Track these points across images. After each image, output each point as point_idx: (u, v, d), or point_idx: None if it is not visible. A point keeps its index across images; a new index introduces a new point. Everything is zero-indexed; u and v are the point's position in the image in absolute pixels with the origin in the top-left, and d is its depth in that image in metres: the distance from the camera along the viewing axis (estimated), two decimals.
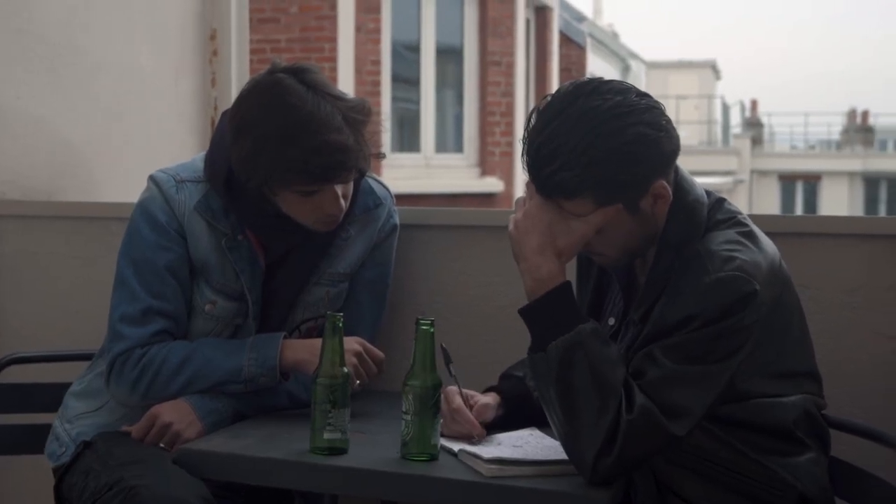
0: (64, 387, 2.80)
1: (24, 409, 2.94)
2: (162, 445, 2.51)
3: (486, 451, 2.23)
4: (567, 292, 2.19)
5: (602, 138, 2.12)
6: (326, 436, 2.27)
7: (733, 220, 2.26)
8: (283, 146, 2.44)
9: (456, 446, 2.28)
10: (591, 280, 2.46)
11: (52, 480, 2.65)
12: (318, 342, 2.40)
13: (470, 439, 2.33)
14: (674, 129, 2.21)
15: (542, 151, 2.15)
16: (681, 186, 2.25)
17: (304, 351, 2.57)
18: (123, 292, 2.61)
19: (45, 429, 2.76)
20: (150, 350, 2.57)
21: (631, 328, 2.28)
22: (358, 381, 2.53)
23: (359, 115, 2.52)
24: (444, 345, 2.37)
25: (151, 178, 2.66)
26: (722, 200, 2.31)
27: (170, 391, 2.56)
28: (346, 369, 2.30)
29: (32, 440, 2.84)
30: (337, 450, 2.28)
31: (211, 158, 2.64)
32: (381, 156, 2.61)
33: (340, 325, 2.30)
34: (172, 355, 2.57)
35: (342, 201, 2.56)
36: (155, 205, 2.62)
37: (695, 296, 2.12)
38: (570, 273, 2.25)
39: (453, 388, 2.40)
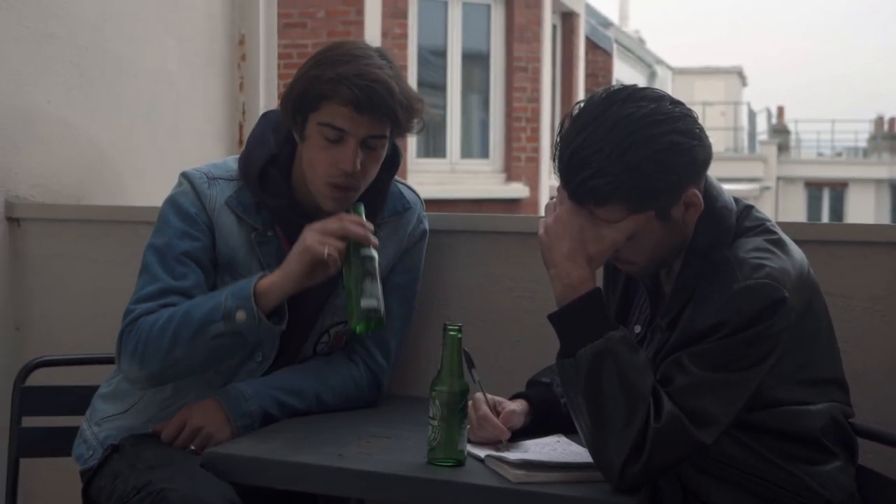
0: (91, 389, 2.81)
1: (51, 411, 2.95)
2: (192, 448, 2.52)
3: (513, 456, 2.23)
4: (597, 298, 2.18)
5: (636, 146, 2.11)
6: (363, 303, 2.38)
7: (762, 227, 2.25)
8: (336, 64, 2.50)
9: (483, 452, 2.28)
10: (618, 288, 2.46)
11: (79, 483, 2.66)
12: (289, 265, 2.46)
13: (497, 445, 2.33)
14: (706, 137, 2.21)
15: (575, 158, 2.15)
16: (709, 193, 2.24)
17: (276, 274, 2.50)
18: (145, 277, 2.60)
19: (73, 431, 2.77)
20: (150, 316, 2.54)
21: (657, 335, 2.27)
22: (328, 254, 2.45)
23: (412, 91, 2.58)
24: (466, 349, 2.37)
25: (183, 174, 2.68)
26: (750, 207, 2.30)
27: (161, 350, 2.51)
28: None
29: (60, 443, 2.85)
30: (375, 318, 2.34)
31: (247, 156, 2.66)
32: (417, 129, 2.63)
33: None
34: (162, 316, 2.53)
35: (358, 163, 2.53)
36: (186, 198, 2.63)
37: (723, 303, 2.11)
38: (598, 281, 2.25)
39: (480, 396, 2.40)
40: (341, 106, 2.49)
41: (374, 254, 2.48)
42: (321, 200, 2.59)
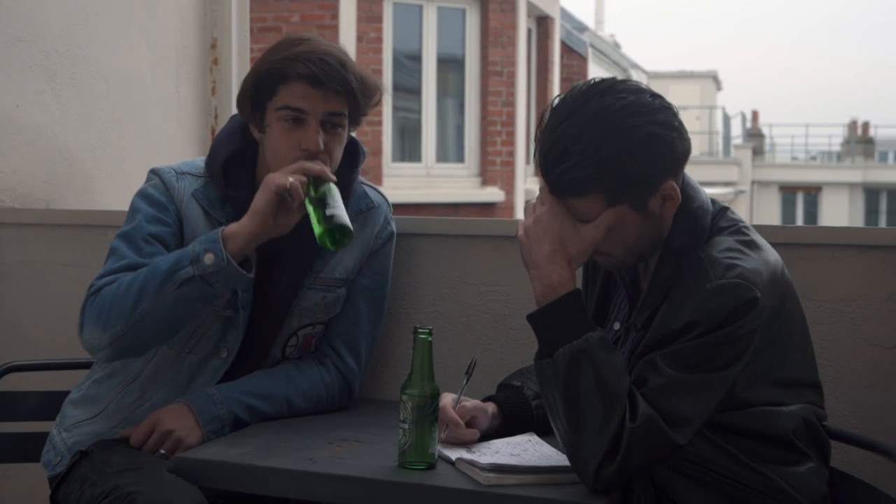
0: (62, 395, 2.80)
1: (21, 417, 2.93)
2: (163, 452, 2.51)
3: (484, 458, 2.23)
4: (577, 299, 2.19)
5: (614, 137, 2.13)
6: (328, 212, 2.42)
7: (735, 227, 2.26)
8: (282, 50, 2.60)
9: (454, 454, 2.28)
10: (597, 285, 2.46)
11: (47, 489, 2.64)
12: (254, 203, 2.48)
13: (467, 445, 2.34)
14: (685, 130, 2.22)
15: (554, 150, 2.16)
16: (686, 192, 2.25)
17: (242, 219, 2.51)
18: (111, 259, 2.60)
19: (42, 437, 2.76)
20: (112, 282, 2.54)
21: (633, 333, 2.28)
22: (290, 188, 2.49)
23: (369, 78, 2.64)
24: (475, 359, 2.43)
25: (152, 170, 2.72)
26: (725, 209, 2.32)
27: (126, 308, 2.49)
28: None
29: (29, 448, 2.83)
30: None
31: (212, 152, 2.70)
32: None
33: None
34: (125, 279, 2.52)
35: (321, 141, 2.57)
36: (155, 189, 2.66)
37: (696, 303, 2.12)
38: (578, 281, 2.25)
39: (446, 394, 2.39)
40: (296, 84, 2.56)
41: (335, 188, 2.52)
42: None
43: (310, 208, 2.49)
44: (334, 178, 2.54)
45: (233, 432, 2.55)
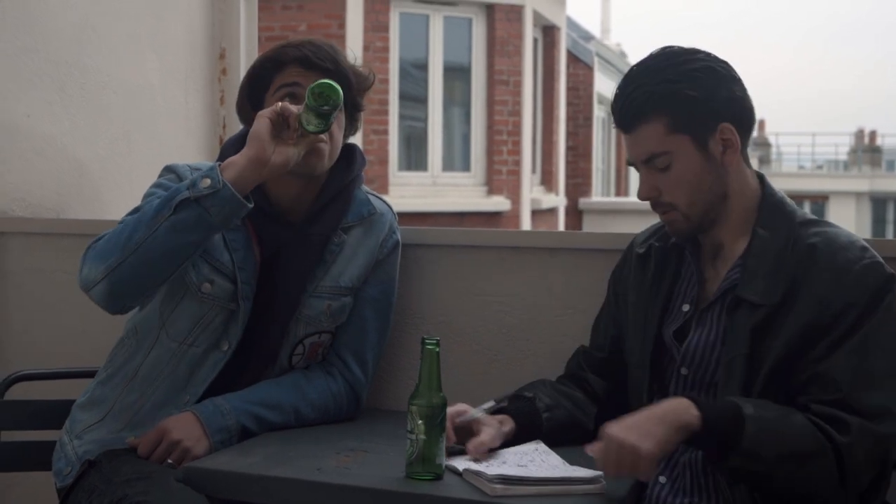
0: (70, 404, 2.80)
1: (30, 426, 2.94)
2: (170, 462, 2.52)
3: (491, 469, 2.23)
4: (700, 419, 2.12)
5: (675, 65, 2.31)
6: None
7: (826, 221, 2.37)
8: (275, 48, 2.70)
9: (461, 465, 2.28)
10: (665, 284, 2.47)
11: (56, 498, 2.65)
12: (255, 133, 2.47)
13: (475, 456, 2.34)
14: (748, 94, 2.35)
15: (623, 89, 2.33)
16: (767, 185, 2.39)
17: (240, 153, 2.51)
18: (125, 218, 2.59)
19: (51, 445, 2.77)
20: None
21: (741, 308, 2.27)
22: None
23: (362, 71, 2.75)
24: (508, 395, 2.45)
25: (167, 167, 2.74)
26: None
27: (124, 235, 2.48)
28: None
29: (38, 457, 2.84)
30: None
31: (222, 149, 2.73)
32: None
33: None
34: (125, 219, 2.55)
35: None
36: (169, 179, 2.68)
37: (848, 283, 2.19)
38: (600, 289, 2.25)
39: (455, 406, 2.39)
40: (290, 67, 2.66)
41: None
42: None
43: (304, 117, 2.47)
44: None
45: (241, 442, 2.56)
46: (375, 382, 2.88)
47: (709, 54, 2.35)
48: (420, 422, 2.22)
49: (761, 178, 2.42)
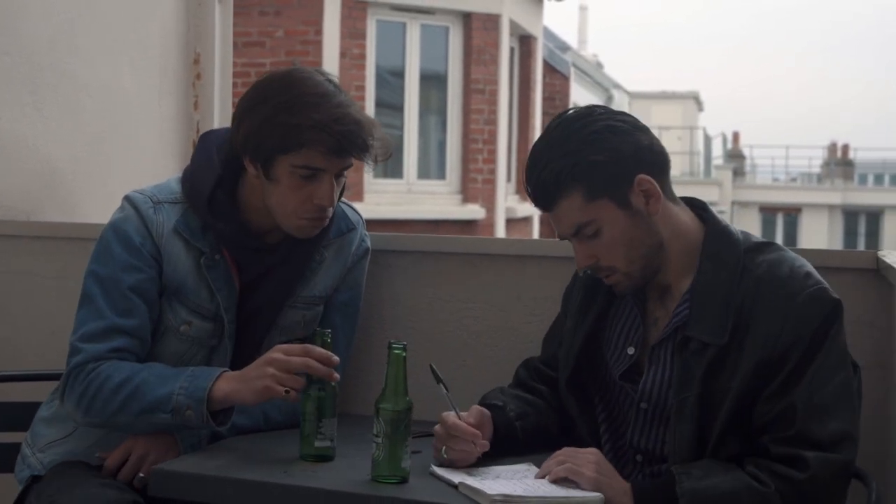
0: (34, 406, 2.79)
1: None
2: (141, 475, 2.53)
3: (489, 485, 2.19)
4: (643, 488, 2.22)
5: (576, 133, 2.27)
6: (317, 444, 2.38)
7: (771, 244, 2.36)
8: (308, 109, 2.46)
9: (455, 478, 2.26)
10: (593, 311, 2.48)
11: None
12: (247, 392, 2.42)
13: (469, 469, 2.32)
14: (655, 137, 2.34)
15: (531, 171, 2.30)
16: (710, 214, 2.40)
17: (235, 380, 2.45)
18: (89, 310, 2.56)
19: (14, 448, 2.75)
20: (102, 366, 2.50)
21: (688, 347, 2.28)
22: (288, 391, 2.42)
23: (374, 120, 2.59)
24: (433, 365, 2.41)
25: (127, 199, 2.64)
26: (746, 233, 2.41)
27: (107, 411, 2.49)
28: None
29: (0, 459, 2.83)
30: (327, 457, 2.37)
31: (192, 177, 2.62)
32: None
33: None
34: (117, 374, 2.49)
35: (334, 197, 2.56)
36: (130, 225, 2.59)
37: (793, 316, 2.20)
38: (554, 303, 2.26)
39: (448, 413, 2.39)
40: (320, 149, 2.48)
41: (335, 387, 2.44)
42: (293, 231, 2.60)
43: (305, 410, 2.42)
44: (338, 376, 2.43)
45: (209, 445, 2.57)
46: (343, 386, 2.88)
47: (605, 110, 2.33)
48: (386, 425, 2.24)
49: (702, 207, 2.42)
